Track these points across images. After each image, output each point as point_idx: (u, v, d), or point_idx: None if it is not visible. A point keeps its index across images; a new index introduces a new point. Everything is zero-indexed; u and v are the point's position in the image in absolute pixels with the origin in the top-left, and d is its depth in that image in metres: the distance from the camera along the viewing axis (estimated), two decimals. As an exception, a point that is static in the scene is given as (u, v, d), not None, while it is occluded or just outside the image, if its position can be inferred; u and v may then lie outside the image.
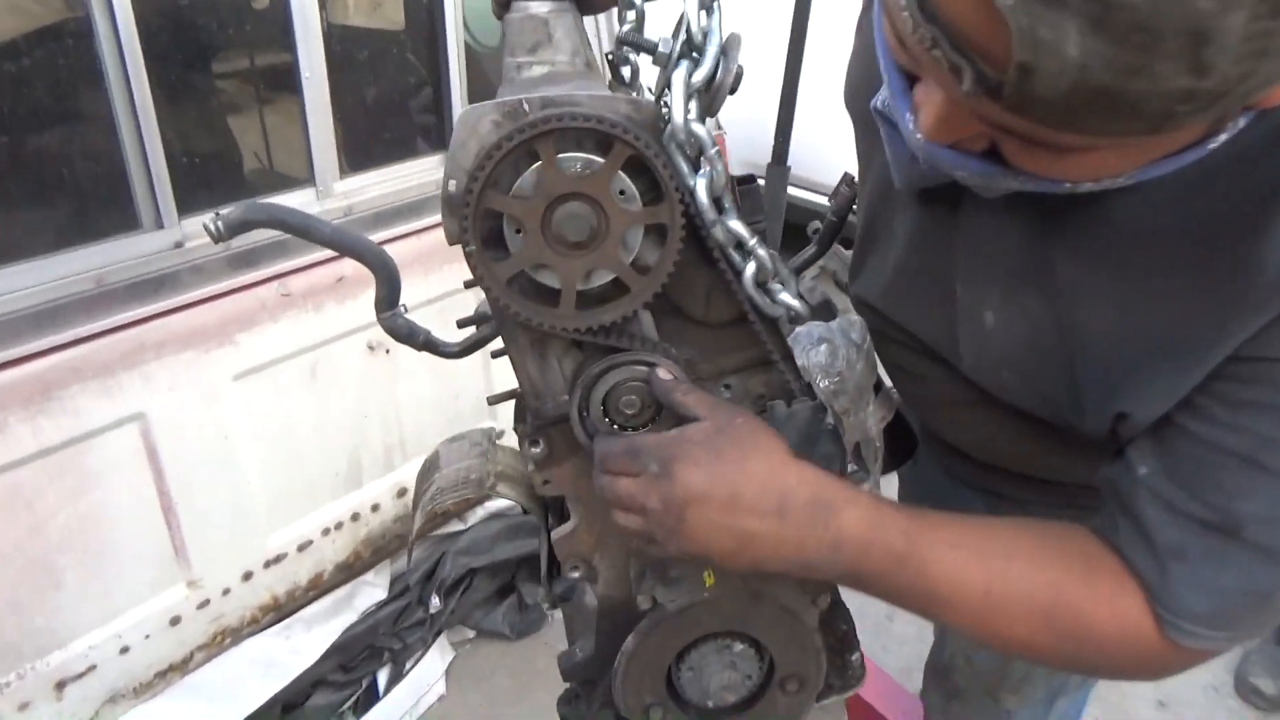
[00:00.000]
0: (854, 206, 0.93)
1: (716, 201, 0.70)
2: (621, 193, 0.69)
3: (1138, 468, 0.70)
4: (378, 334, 2.15)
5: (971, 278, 0.79)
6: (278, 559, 2.07)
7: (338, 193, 2.07)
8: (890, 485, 1.03)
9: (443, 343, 0.92)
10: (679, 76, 0.65)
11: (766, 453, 0.71)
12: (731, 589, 0.89)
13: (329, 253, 2.07)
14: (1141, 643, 0.70)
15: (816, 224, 0.95)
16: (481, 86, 2.32)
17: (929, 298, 0.84)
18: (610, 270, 0.72)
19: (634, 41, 0.68)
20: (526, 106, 0.68)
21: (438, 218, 0.71)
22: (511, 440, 1.05)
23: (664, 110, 0.70)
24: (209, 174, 1.91)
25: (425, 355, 0.91)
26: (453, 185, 0.70)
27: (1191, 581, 0.67)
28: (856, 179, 0.96)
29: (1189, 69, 0.41)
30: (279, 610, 2.11)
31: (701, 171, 0.69)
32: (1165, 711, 2.32)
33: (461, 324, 0.92)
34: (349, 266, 2.05)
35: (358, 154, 2.13)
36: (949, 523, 0.74)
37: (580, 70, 0.97)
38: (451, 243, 0.72)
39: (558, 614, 2.73)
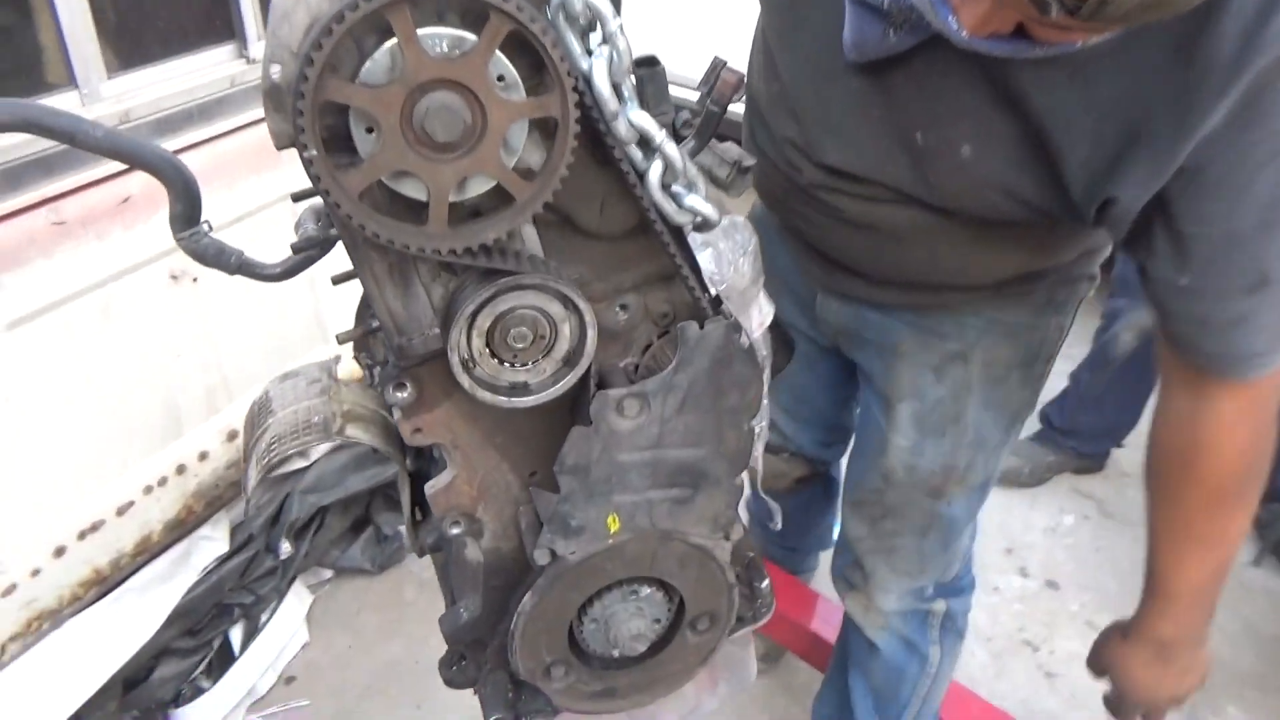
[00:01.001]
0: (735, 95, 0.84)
1: (617, 89, 0.57)
2: (500, 79, 0.55)
3: (1178, 280, 0.88)
4: (182, 260, 1.89)
5: (935, 124, 0.93)
6: (94, 527, 1.81)
7: (108, 96, 1.75)
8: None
9: (260, 264, 0.78)
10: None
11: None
12: (638, 532, 0.81)
13: (108, 168, 1.77)
14: (1260, 412, 0.96)
15: (687, 114, 0.84)
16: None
17: (894, 147, 0.98)
18: (490, 176, 0.58)
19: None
20: (366, -35, 0.52)
21: (236, 121, 0.56)
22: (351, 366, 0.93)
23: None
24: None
25: (240, 279, 0.78)
26: (276, 71, 0.54)
27: (1252, 333, 0.89)
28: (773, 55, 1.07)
29: None
30: (104, 583, 1.86)
31: (597, 52, 0.56)
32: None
33: (297, 248, 0.77)
34: (135, 183, 1.76)
35: (128, 47, 1.80)
36: (1163, 577, 1.09)
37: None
38: (281, 146, 0.56)
39: (421, 543, 2.63)
